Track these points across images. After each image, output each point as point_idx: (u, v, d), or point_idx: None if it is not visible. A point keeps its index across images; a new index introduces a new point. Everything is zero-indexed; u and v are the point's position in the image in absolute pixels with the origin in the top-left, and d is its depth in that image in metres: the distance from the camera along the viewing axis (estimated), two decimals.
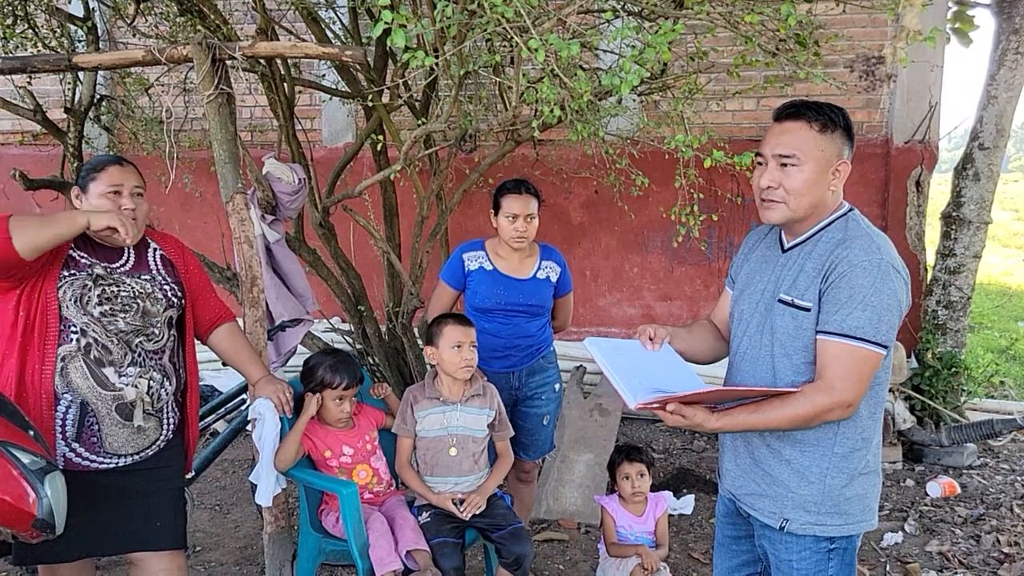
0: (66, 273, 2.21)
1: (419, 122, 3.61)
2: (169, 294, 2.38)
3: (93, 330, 2.22)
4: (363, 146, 4.36)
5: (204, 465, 3.50)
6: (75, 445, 2.23)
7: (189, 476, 3.14)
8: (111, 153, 2.48)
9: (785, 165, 1.83)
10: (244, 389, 3.65)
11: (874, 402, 1.88)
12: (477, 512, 2.71)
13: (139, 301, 2.30)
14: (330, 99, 5.01)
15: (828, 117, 1.82)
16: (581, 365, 5.01)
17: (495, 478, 2.85)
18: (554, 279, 3.16)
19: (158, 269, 2.41)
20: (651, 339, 2.00)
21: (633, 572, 2.95)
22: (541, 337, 3.18)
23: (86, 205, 2.32)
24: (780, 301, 1.89)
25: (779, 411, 1.81)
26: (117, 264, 2.33)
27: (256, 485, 2.67)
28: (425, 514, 2.72)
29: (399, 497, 2.85)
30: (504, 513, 2.77)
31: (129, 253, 2.38)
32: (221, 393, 3.92)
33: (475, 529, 2.75)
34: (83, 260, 2.27)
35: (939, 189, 8.85)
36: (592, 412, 4.40)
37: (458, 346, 2.73)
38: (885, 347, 1.78)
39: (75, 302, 2.20)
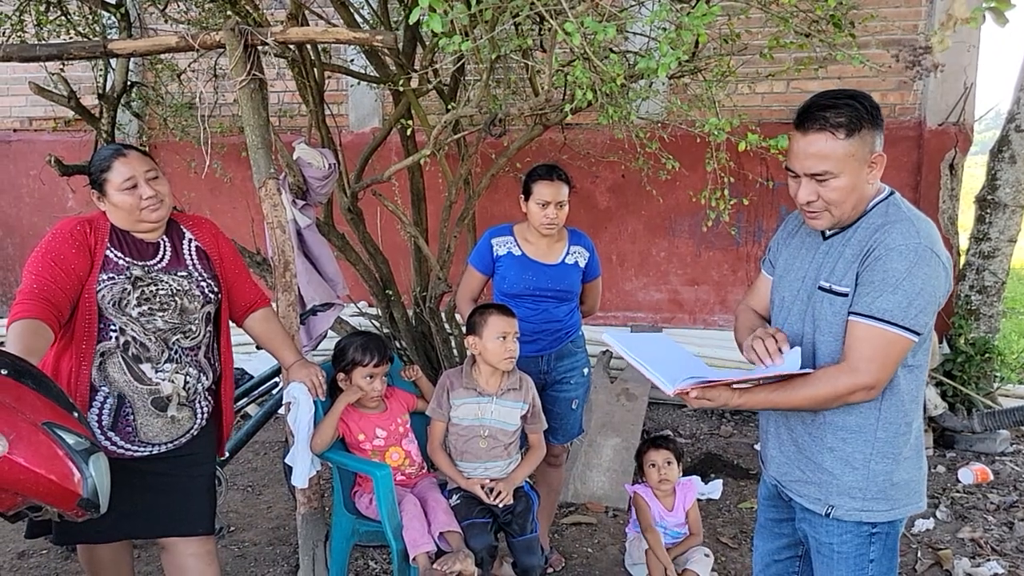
0: (105, 277, 2.21)
1: (448, 106, 3.60)
2: (206, 290, 2.38)
3: (132, 329, 2.23)
4: (391, 131, 4.36)
5: (237, 447, 3.56)
6: (111, 434, 2.26)
7: (223, 459, 3.19)
8: (117, 144, 2.42)
9: (821, 180, 1.79)
10: (275, 373, 3.69)
11: (915, 385, 1.86)
12: (507, 503, 2.72)
13: (177, 299, 2.30)
14: (358, 84, 5.01)
15: (850, 117, 1.74)
16: (607, 350, 5.00)
17: (525, 468, 2.85)
18: (583, 264, 3.15)
19: (194, 264, 2.39)
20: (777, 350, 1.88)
21: (647, 554, 2.99)
22: (570, 322, 3.17)
23: (107, 206, 2.29)
24: (820, 288, 1.87)
25: (801, 390, 1.80)
26: (154, 261, 2.31)
27: (291, 467, 2.71)
28: (455, 496, 2.75)
29: (431, 479, 2.88)
30: (525, 520, 2.74)
31: (164, 248, 2.36)
32: (252, 377, 3.96)
33: (496, 523, 2.74)
34: (120, 261, 2.25)
35: (970, 172, 8.68)
36: (619, 397, 4.40)
37: (503, 336, 2.73)
38: (916, 332, 1.75)
39: (114, 305, 2.21)
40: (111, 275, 2.22)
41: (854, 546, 1.90)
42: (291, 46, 3.65)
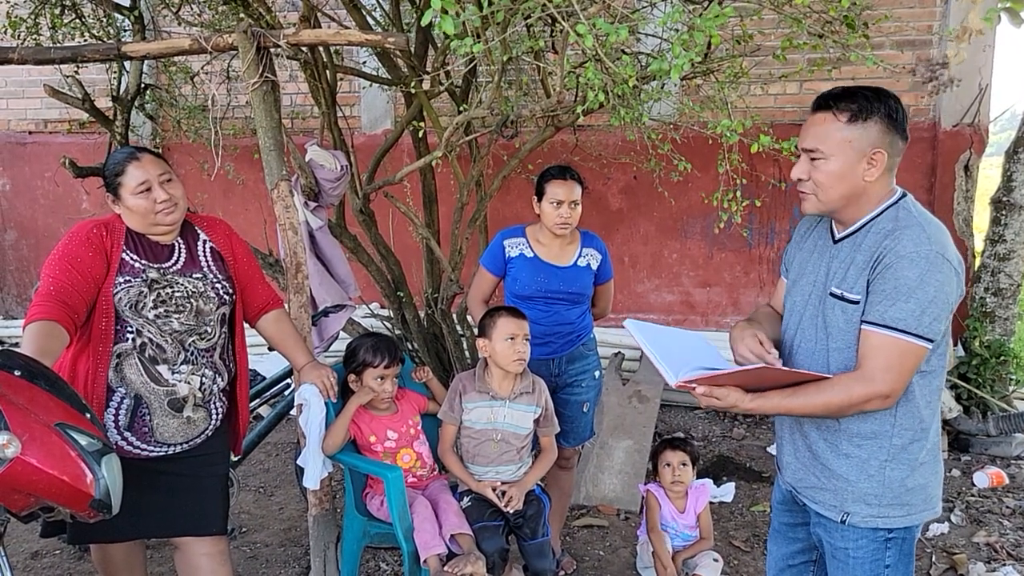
0: (121, 280, 2.22)
1: (460, 108, 3.60)
2: (221, 292, 2.39)
3: (148, 331, 2.25)
4: (403, 133, 4.37)
5: (249, 448, 3.57)
6: (127, 434, 2.28)
7: (236, 459, 3.20)
8: (131, 147, 2.43)
9: (813, 159, 1.82)
10: (288, 374, 3.70)
11: (931, 391, 1.85)
12: (518, 508, 2.71)
13: (192, 301, 2.31)
14: (370, 86, 5.03)
15: (860, 105, 1.76)
16: (619, 352, 4.99)
17: (536, 472, 2.84)
18: (595, 267, 3.14)
19: (209, 266, 2.40)
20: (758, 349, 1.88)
21: (654, 556, 2.99)
22: (581, 324, 3.17)
23: (121, 209, 2.30)
24: (832, 295, 1.86)
25: (815, 396, 1.79)
26: (169, 263, 2.32)
27: (303, 469, 2.71)
28: (467, 499, 2.74)
29: (442, 481, 2.87)
30: (536, 523, 2.73)
31: (180, 250, 2.37)
32: (264, 378, 3.97)
33: (507, 525, 2.73)
34: (136, 264, 2.26)
35: (985, 173, 8.63)
36: (631, 399, 4.38)
37: (511, 338, 2.72)
38: (929, 340, 1.74)
39: (131, 307, 2.22)
40: (127, 278, 2.24)
41: (870, 551, 1.88)
42: (303, 48, 3.67)
